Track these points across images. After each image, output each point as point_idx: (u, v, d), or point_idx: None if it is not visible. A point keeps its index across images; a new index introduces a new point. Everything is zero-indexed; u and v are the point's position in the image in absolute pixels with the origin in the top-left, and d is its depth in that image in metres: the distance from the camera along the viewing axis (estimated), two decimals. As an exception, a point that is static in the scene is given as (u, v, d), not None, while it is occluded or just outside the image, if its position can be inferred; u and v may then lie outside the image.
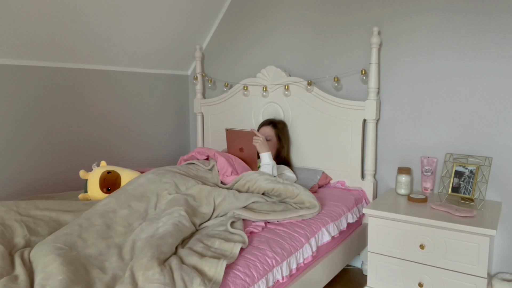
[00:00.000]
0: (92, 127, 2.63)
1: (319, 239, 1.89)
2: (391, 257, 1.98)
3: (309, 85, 2.56)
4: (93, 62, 2.59)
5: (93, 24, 2.37)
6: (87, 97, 2.59)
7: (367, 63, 2.41)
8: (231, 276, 1.39)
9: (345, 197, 2.30)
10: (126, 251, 1.50)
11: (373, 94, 2.37)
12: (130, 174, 2.10)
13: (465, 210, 1.90)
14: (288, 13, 2.76)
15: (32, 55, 2.26)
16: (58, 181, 2.45)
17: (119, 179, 2.06)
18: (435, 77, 2.26)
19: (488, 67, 2.11)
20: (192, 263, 1.37)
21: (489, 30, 2.09)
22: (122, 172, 2.10)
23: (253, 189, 2.02)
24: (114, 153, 2.77)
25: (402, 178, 2.23)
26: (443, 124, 2.26)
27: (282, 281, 1.61)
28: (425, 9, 2.26)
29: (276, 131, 2.55)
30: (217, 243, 1.53)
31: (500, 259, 2.16)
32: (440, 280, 1.86)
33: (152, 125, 3.06)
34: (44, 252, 1.38)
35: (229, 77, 3.08)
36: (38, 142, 2.35)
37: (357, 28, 2.49)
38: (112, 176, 2.04)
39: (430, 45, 2.26)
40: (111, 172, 2.05)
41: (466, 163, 2.10)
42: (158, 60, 3.00)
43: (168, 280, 1.24)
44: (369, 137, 2.41)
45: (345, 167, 2.52)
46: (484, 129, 2.14)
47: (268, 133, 2.52)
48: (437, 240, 1.85)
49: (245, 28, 2.98)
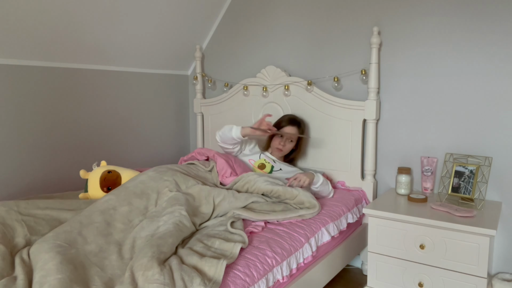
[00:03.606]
0: (92, 127, 2.63)
1: (319, 239, 1.90)
2: (391, 257, 1.98)
3: (309, 85, 2.56)
4: (93, 62, 2.59)
5: (93, 24, 2.37)
6: (87, 97, 2.59)
7: (367, 63, 2.41)
8: (231, 276, 1.39)
9: (345, 197, 2.30)
10: (126, 249, 1.51)
11: (373, 94, 2.37)
12: (130, 174, 2.10)
13: (465, 210, 1.90)
14: (288, 13, 2.76)
15: (32, 55, 2.26)
16: (58, 181, 2.45)
17: (120, 178, 2.06)
18: (435, 77, 2.26)
19: (488, 67, 2.11)
20: (192, 263, 1.37)
21: (489, 30, 2.09)
22: (122, 172, 2.11)
23: (252, 190, 2.02)
24: (114, 153, 2.77)
25: (402, 178, 2.23)
26: (443, 124, 2.26)
27: (282, 281, 1.61)
28: (425, 9, 2.26)
29: (299, 132, 2.45)
30: (217, 243, 1.53)
31: (500, 259, 2.16)
32: (440, 280, 1.86)
33: (152, 125, 3.06)
34: (45, 249, 1.38)
35: (229, 77, 3.08)
36: (38, 142, 2.35)
37: (357, 28, 2.49)
38: (112, 175, 2.05)
39: (430, 45, 2.26)
40: (111, 172, 2.06)
41: (466, 163, 2.10)
42: (158, 60, 3.00)
43: (168, 280, 1.24)
44: (369, 137, 2.41)
45: (345, 167, 2.52)
46: (484, 129, 2.14)
47: (292, 136, 2.41)
48: (437, 240, 1.85)
49: (245, 28, 2.98)
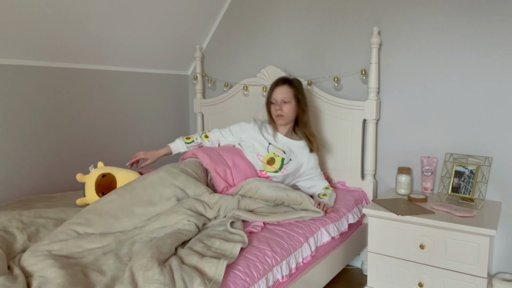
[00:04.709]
0: (91, 126, 2.63)
1: (318, 239, 1.89)
2: (391, 257, 1.98)
3: (309, 85, 2.56)
4: (93, 62, 2.59)
5: (93, 24, 2.37)
6: (87, 97, 2.59)
7: (367, 63, 2.41)
8: (231, 276, 1.39)
9: (345, 198, 2.29)
10: (124, 253, 1.50)
11: (373, 94, 2.37)
12: (126, 176, 2.03)
13: (465, 210, 1.90)
14: (288, 13, 2.76)
15: (32, 55, 2.26)
16: (58, 181, 2.45)
17: (114, 181, 2.00)
18: (435, 77, 2.26)
19: (488, 67, 2.11)
20: (192, 263, 1.36)
21: (489, 30, 2.09)
22: (118, 173, 2.03)
23: (255, 198, 1.97)
24: (114, 152, 2.77)
25: (402, 178, 2.23)
26: (443, 124, 2.26)
27: (282, 280, 1.61)
28: (425, 9, 2.26)
29: (294, 91, 2.20)
30: (217, 243, 1.53)
31: (500, 259, 2.16)
32: (440, 280, 1.86)
33: (152, 125, 3.06)
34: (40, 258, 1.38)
35: (229, 77, 3.08)
36: (38, 142, 2.35)
37: (357, 28, 2.49)
38: (106, 180, 1.99)
39: (430, 45, 2.26)
40: (105, 176, 2.00)
41: (466, 163, 2.10)
42: (158, 60, 3.00)
43: (168, 280, 1.24)
44: (369, 137, 2.41)
45: (345, 167, 2.52)
46: (484, 129, 2.14)
47: (285, 95, 2.17)
48: (437, 240, 1.85)
49: (245, 28, 2.98)
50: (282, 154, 2.18)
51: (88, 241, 1.55)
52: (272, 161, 2.17)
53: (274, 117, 2.23)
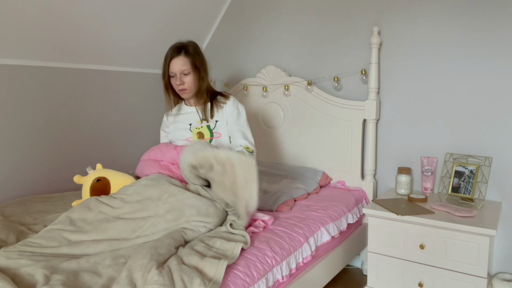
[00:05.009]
0: (91, 126, 2.63)
1: (318, 239, 1.90)
2: (391, 257, 1.98)
3: (309, 85, 2.56)
4: (93, 62, 2.59)
5: (93, 24, 2.37)
6: (87, 97, 2.59)
7: (367, 63, 2.41)
8: (231, 276, 1.39)
9: (345, 198, 2.30)
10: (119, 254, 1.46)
11: (373, 94, 2.37)
12: (122, 180, 1.97)
13: (465, 210, 1.90)
14: (288, 13, 2.76)
15: (32, 55, 2.26)
16: (58, 181, 2.45)
17: (109, 186, 1.95)
18: (435, 77, 2.26)
19: (488, 67, 2.11)
20: (192, 263, 1.36)
21: (489, 30, 2.09)
22: (113, 177, 1.98)
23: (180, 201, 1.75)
24: (113, 153, 2.77)
25: (402, 178, 2.23)
26: (443, 124, 2.26)
27: (282, 280, 1.61)
28: (425, 9, 2.26)
29: (191, 60, 2.03)
30: (218, 243, 1.52)
31: (500, 259, 2.16)
32: (440, 280, 1.86)
33: (152, 125, 3.06)
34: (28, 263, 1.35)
35: (229, 77, 3.08)
36: (38, 142, 2.35)
37: (357, 28, 2.49)
38: (101, 185, 1.95)
39: (430, 45, 2.26)
40: (100, 180, 1.95)
41: (466, 163, 2.10)
42: (158, 60, 2.99)
43: (167, 281, 1.23)
44: (369, 137, 2.41)
45: (345, 167, 2.52)
46: (484, 129, 2.14)
47: (184, 66, 2.01)
48: (437, 240, 1.85)
49: (245, 28, 2.98)
50: (205, 123, 2.10)
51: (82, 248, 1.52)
52: (201, 135, 2.10)
53: (178, 92, 2.09)
